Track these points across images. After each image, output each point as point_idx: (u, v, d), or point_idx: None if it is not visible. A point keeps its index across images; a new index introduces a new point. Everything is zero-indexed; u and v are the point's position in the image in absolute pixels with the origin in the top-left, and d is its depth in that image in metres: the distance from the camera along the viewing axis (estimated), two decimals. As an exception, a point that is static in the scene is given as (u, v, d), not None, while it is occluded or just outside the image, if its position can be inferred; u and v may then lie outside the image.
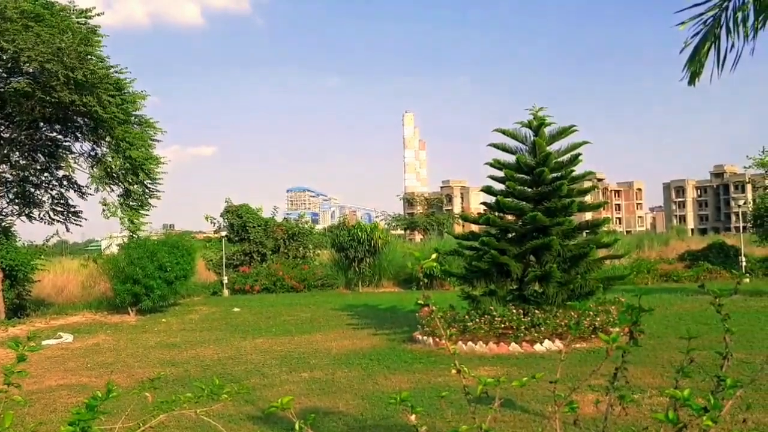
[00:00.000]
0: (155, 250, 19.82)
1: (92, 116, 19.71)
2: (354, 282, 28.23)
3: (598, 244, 13.60)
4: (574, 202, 13.12)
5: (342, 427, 7.20)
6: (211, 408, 2.98)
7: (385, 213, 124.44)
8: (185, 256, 20.54)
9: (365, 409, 7.91)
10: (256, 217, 31.43)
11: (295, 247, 31.48)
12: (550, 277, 12.53)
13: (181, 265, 20.15)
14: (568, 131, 13.79)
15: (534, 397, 7.86)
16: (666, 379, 8.69)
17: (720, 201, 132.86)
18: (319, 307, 20.91)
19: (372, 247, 27.84)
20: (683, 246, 37.16)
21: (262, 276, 28.21)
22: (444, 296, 18.89)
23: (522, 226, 13.41)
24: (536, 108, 13.77)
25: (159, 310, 20.76)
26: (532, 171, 13.39)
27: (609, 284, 13.45)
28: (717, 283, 24.09)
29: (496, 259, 12.86)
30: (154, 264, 19.50)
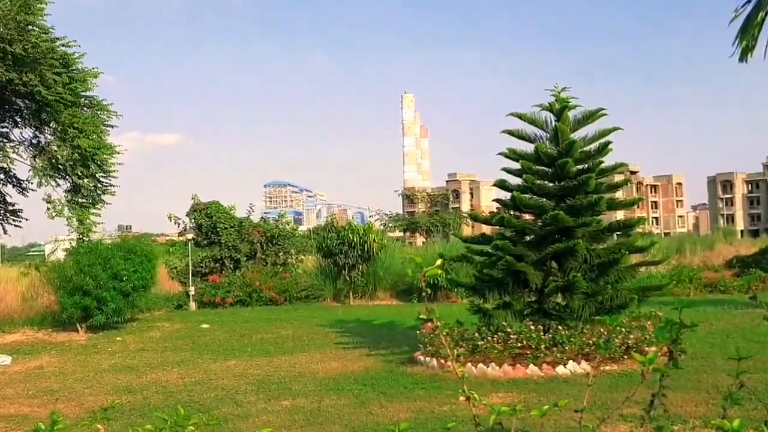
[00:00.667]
0: (109, 256, 19.78)
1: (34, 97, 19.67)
2: (344, 293, 28.23)
3: (632, 248, 13.63)
4: (602, 199, 13.15)
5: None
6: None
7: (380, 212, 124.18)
8: (144, 263, 20.50)
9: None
10: (229, 217, 31.40)
11: (275, 252, 31.46)
12: (575, 288, 12.56)
13: (139, 274, 20.12)
14: (596, 115, 13.83)
15: (556, 428, 7.87)
16: (711, 407, 8.72)
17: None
18: (302, 323, 20.90)
19: (365, 252, 27.85)
20: (731, 251, 37.26)
21: (235, 286, 28.19)
22: (450, 310, 18.89)
23: (542, 227, 13.43)
24: (558, 88, 13.81)
25: (113, 326, 20.72)
26: (553, 162, 13.41)
27: (644, 295, 13.49)
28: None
29: (511, 266, 12.88)
30: (108, 272, 19.47)
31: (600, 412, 2.48)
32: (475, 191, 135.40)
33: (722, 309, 20.17)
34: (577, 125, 13.86)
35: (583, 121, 13.86)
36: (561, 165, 13.21)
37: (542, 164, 13.70)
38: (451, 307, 21.90)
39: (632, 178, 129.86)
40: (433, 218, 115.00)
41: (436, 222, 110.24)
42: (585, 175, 13.17)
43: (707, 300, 23.58)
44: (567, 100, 13.70)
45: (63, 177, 22.04)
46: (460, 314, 14.48)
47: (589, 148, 13.73)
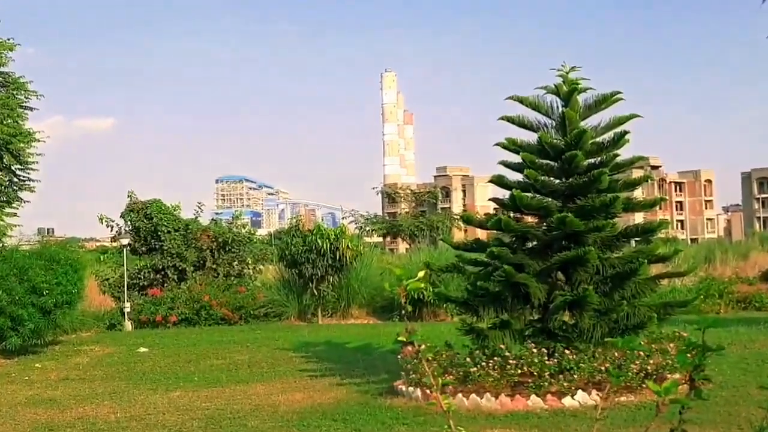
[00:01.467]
0: (26, 266, 19.59)
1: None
2: (311, 310, 28.17)
3: (652, 256, 13.76)
4: (618, 199, 13.27)
5: None
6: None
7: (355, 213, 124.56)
8: (69, 274, 20.32)
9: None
10: (173, 219, 31.20)
11: (228, 261, 31.32)
12: (585, 304, 12.65)
13: (63, 287, 19.94)
14: (610, 100, 13.95)
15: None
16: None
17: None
18: (261, 346, 20.85)
19: (337, 261, 27.81)
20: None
21: (180, 302, 28.02)
22: (437, 330, 18.92)
23: (547, 231, 13.52)
24: (566, 68, 13.91)
25: (32, 351, 20.52)
26: (560, 155, 13.51)
27: (666, 313, 13.61)
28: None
29: (510, 278, 12.94)
30: (25, 285, 19.27)
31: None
32: (468, 189, 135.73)
33: (758, 329, 20.37)
34: (589, 111, 13.98)
35: (596, 107, 13.97)
36: (569, 158, 13.30)
37: (547, 157, 13.79)
38: (439, 326, 21.92)
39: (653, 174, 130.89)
40: (418, 220, 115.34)
41: (421, 225, 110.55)
42: (597, 171, 13.28)
43: (740, 318, 23.80)
44: (576, 82, 13.81)
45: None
46: (450, 335, 14.52)
47: (603, 138, 13.85)
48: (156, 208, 31.21)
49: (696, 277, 29.88)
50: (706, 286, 28.68)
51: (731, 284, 30.02)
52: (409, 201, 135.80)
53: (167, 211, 31.34)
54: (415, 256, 34.69)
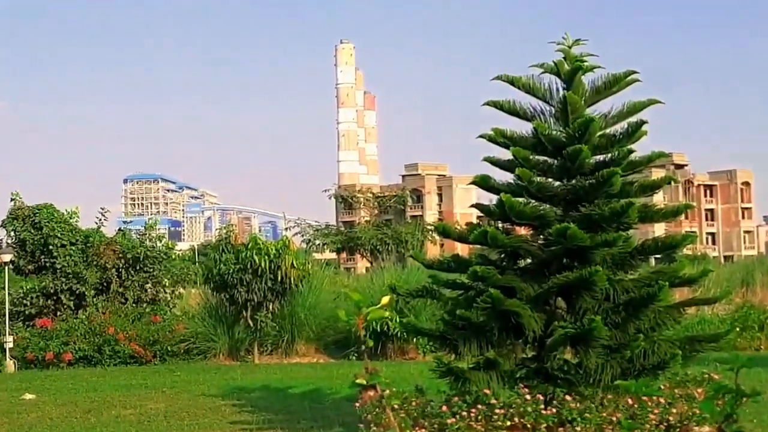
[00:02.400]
0: None
1: None
2: (245, 346, 28.09)
3: (676, 279, 13.88)
4: (633, 206, 13.38)
5: None
6: None
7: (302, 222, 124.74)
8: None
9: None
10: (69, 229, 30.97)
11: (139, 284, 31.14)
12: (591, 338, 12.73)
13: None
14: (623, 81, 14.08)
15: None
16: None
17: None
18: (181, 392, 20.76)
19: (279, 284, 27.75)
20: (821, 284, 38.17)
21: (77, 335, 27.79)
22: (405, 371, 18.96)
23: (544, 246, 13.59)
24: (568, 41, 14.01)
25: None
26: (561, 150, 13.60)
27: (693, 350, 13.74)
28: None
29: (498, 305, 12.98)
30: None
31: None
32: (445, 192, 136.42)
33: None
34: (596, 95, 14.08)
35: (605, 90, 14.08)
36: (572, 154, 13.39)
37: (545, 153, 13.87)
38: (408, 366, 21.95)
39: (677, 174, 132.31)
40: (381, 232, 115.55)
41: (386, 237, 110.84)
42: (607, 170, 13.37)
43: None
44: (581, 59, 13.90)
45: None
46: (421, 377, 14.54)
47: (614, 129, 13.96)
48: (47, 215, 30.96)
49: (731, 305, 30.23)
50: (743, 316, 28.98)
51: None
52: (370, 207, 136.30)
53: (61, 220, 31.10)
54: (378, 277, 34.71)
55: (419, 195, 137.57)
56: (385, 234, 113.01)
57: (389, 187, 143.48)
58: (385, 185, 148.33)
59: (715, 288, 29.09)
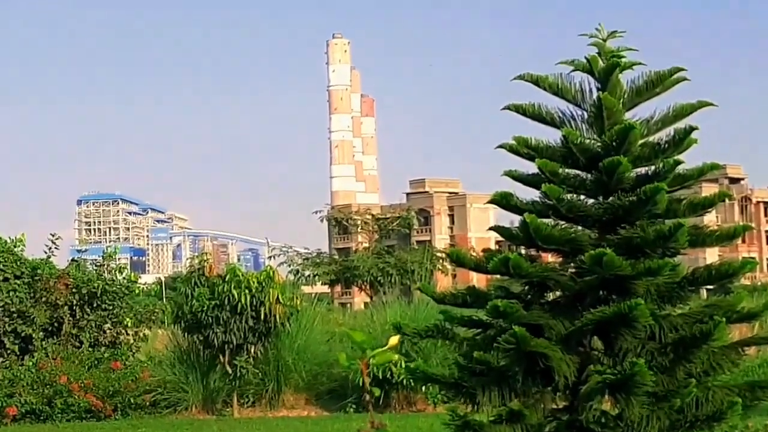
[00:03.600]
0: None
1: None
2: (223, 397, 28.05)
3: (733, 313, 13.84)
4: (681, 228, 13.36)
5: None
6: None
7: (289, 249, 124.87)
8: None
9: None
10: (12, 260, 31.06)
11: (97, 323, 31.14)
12: (633, 384, 12.68)
13: None
14: (668, 80, 14.05)
15: None
16: None
17: None
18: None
19: (262, 323, 27.74)
20: None
21: (23, 385, 27.80)
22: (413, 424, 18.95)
23: (576, 276, 13.56)
24: (603, 32, 14.03)
25: None
26: (595, 162, 13.57)
27: (756, 398, 13.66)
28: None
29: (523, 346, 12.95)
30: None
31: None
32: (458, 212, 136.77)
33: None
34: (637, 97, 14.05)
35: (647, 91, 14.07)
36: (609, 167, 13.38)
37: (576, 165, 13.85)
38: (416, 418, 21.96)
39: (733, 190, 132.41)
40: (383, 260, 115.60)
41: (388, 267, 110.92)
42: (651, 186, 13.36)
43: None
44: (619, 54, 13.88)
45: None
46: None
47: (657, 137, 13.95)
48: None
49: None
50: (812, 357, 29.09)
51: None
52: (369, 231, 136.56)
53: (4, 249, 31.18)
54: (380, 314, 34.72)
55: (427, 216, 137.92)
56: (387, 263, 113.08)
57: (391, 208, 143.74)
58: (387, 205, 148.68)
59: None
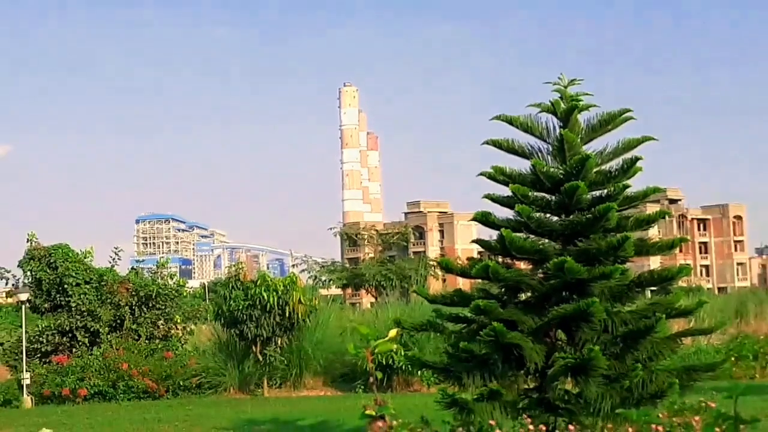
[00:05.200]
0: None
1: None
2: (255, 380, 27.99)
3: (672, 310, 13.85)
4: (629, 240, 13.37)
5: None
6: None
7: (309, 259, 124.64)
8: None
9: None
10: (83, 268, 30.96)
11: (152, 320, 31.09)
12: (591, 368, 12.68)
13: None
14: (618, 119, 14.11)
15: None
16: None
17: None
18: (193, 426, 20.68)
19: (287, 319, 27.72)
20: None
21: (92, 371, 27.72)
22: (411, 402, 18.86)
23: (543, 280, 13.58)
24: (564, 80, 14.08)
25: None
26: (558, 187, 13.61)
27: (690, 379, 13.68)
28: None
29: (500, 338, 12.95)
30: None
31: None
32: (446, 228, 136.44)
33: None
34: (592, 133, 14.11)
35: (600, 128, 14.12)
36: (569, 191, 13.40)
37: (543, 189, 13.89)
38: (413, 397, 21.86)
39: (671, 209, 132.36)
40: (385, 268, 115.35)
41: (389, 273, 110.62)
42: (604, 205, 13.38)
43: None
44: (577, 98, 13.94)
45: None
46: (427, 409, 14.46)
47: (609, 166, 13.99)
48: (62, 255, 30.96)
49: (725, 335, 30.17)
50: (738, 346, 28.90)
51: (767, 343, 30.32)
52: (374, 244, 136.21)
53: (76, 259, 31.10)
54: (383, 311, 34.70)
55: (421, 232, 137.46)
56: (389, 270, 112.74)
57: (392, 225, 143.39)
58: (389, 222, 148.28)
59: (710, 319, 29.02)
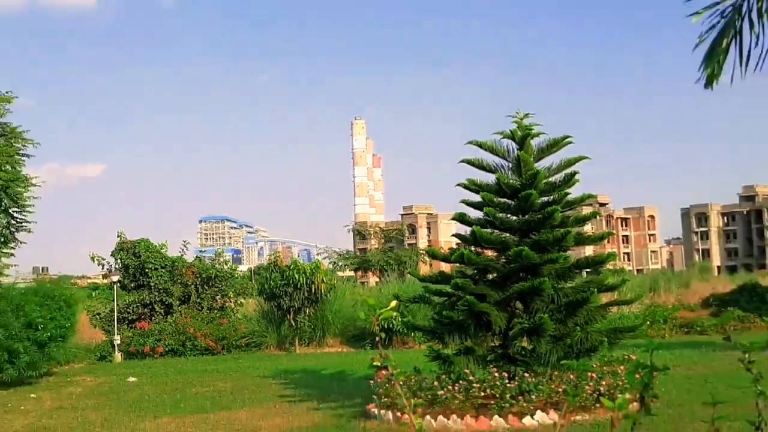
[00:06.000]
0: (23, 303, 19.31)
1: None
2: (289, 340, 27.99)
3: (602, 286, 13.87)
4: (569, 234, 13.38)
5: None
6: None
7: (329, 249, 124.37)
8: (63, 310, 20.06)
9: None
10: (159, 257, 30.97)
11: (211, 295, 31.09)
12: (541, 330, 12.69)
13: (57, 322, 19.66)
14: (560, 143, 14.14)
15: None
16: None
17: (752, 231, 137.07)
18: (243, 375, 20.65)
19: (312, 294, 27.71)
20: (707, 288, 38.15)
21: (166, 334, 27.74)
22: (407, 357, 18.85)
23: (505, 264, 13.59)
24: (520, 114, 14.10)
25: (27, 381, 20.12)
26: (516, 194, 13.63)
27: (616, 338, 13.69)
28: (750, 335, 24.74)
29: (473, 308, 12.96)
30: (21, 321, 18.97)
31: (569, 465, 2.52)
32: (432, 226, 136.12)
33: (700, 352, 20.55)
34: (541, 154, 14.14)
35: (548, 150, 14.14)
36: (524, 197, 13.42)
37: (504, 196, 13.90)
38: (408, 353, 21.87)
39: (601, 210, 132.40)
40: (387, 255, 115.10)
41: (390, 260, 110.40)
42: (550, 208, 13.41)
43: (683, 342, 24.02)
44: (530, 128, 13.99)
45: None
46: (418, 361, 14.46)
47: (555, 178, 14.00)
48: (144, 246, 30.97)
49: (642, 305, 30.11)
50: (652, 313, 28.93)
51: (674, 311, 30.35)
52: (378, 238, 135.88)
53: (154, 250, 31.11)
54: (385, 288, 34.66)
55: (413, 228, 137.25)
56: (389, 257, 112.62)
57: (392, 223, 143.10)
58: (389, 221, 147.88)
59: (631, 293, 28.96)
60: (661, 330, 27.40)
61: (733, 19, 5.37)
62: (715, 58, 5.34)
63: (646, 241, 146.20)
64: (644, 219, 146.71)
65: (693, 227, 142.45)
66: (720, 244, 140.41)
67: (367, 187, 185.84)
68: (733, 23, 5.37)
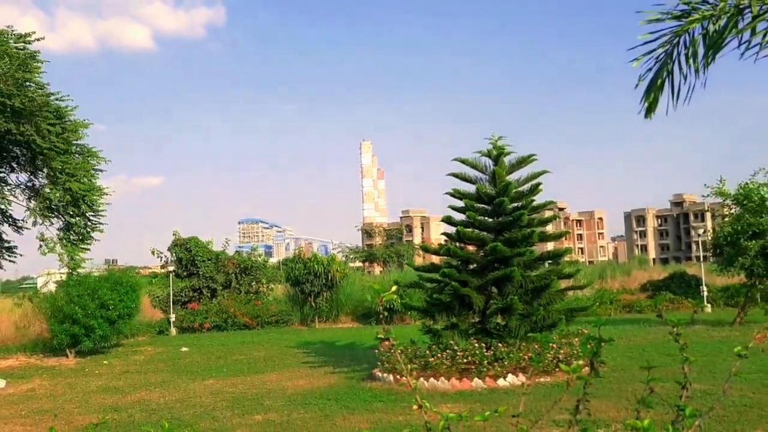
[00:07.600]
0: (97, 287, 19.32)
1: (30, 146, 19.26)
2: (310, 318, 28.00)
3: (560, 274, 13.85)
4: (534, 232, 13.38)
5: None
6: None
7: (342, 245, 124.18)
8: (129, 293, 20.08)
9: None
10: (206, 251, 31.01)
11: (248, 282, 31.12)
12: (512, 309, 12.68)
13: (124, 303, 19.68)
14: (527, 160, 14.14)
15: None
16: (630, 412, 8.83)
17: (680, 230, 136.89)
18: (273, 345, 20.65)
19: (329, 281, 27.74)
20: (645, 276, 38.07)
21: (212, 313, 27.77)
22: (404, 331, 18.88)
23: (483, 257, 13.59)
24: (495, 137, 14.10)
25: (100, 351, 20.15)
26: (492, 201, 13.63)
27: (572, 316, 13.68)
28: (678, 313, 24.72)
29: (457, 291, 12.96)
30: (96, 302, 18.99)
31: (534, 417, 2.53)
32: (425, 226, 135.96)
33: (638, 327, 20.53)
34: (512, 168, 14.14)
35: (517, 165, 14.15)
36: (498, 203, 13.43)
37: (483, 202, 13.91)
38: (406, 328, 21.89)
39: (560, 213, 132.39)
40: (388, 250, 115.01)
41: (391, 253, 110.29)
42: (519, 212, 13.41)
43: (626, 319, 23.99)
44: (503, 148, 13.99)
45: (56, 217, 21.51)
46: (414, 335, 14.47)
47: (523, 188, 14.01)
48: (194, 243, 31.02)
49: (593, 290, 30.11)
50: (600, 296, 28.91)
51: (618, 294, 30.32)
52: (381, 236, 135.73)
53: (202, 246, 31.18)
54: (387, 276, 34.73)
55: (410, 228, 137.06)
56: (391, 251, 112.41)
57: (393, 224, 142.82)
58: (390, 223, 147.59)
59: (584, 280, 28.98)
60: (608, 310, 27.37)
61: (666, 63, 5.42)
62: (652, 93, 5.37)
63: (596, 239, 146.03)
64: (594, 220, 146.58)
65: (633, 227, 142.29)
66: (655, 241, 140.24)
67: (373, 195, 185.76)
68: (666, 66, 5.41)
